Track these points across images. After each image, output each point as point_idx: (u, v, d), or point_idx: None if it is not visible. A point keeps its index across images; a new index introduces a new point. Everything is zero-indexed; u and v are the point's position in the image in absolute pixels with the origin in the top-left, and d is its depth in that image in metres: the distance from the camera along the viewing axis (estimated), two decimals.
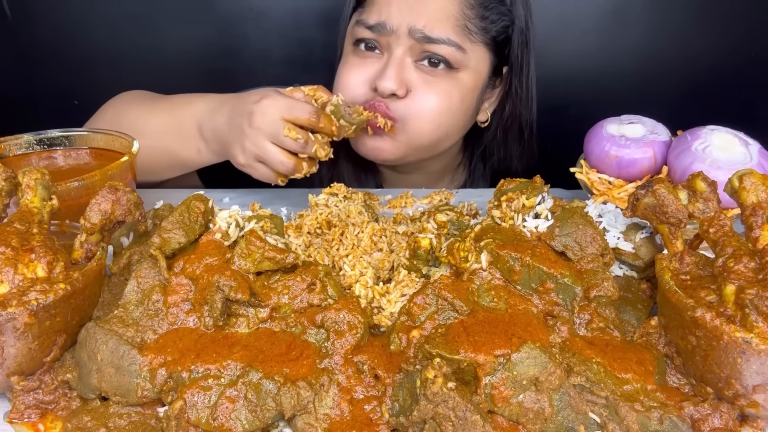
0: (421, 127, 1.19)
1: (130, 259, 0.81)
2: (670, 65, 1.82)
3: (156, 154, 1.18)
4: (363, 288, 0.83)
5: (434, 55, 1.17)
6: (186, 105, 1.19)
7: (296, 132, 1.01)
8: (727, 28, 1.79)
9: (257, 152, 1.04)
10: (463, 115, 1.25)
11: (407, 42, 1.16)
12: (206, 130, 1.13)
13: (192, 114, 1.16)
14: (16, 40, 1.86)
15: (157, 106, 1.23)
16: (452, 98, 1.20)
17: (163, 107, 1.22)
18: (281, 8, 1.82)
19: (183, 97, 1.22)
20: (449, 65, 1.18)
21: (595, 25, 1.83)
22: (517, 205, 0.83)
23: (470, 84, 1.23)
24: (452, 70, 1.19)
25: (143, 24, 1.83)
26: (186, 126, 1.16)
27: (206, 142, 1.15)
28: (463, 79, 1.21)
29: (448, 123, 1.22)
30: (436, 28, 1.15)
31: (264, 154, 1.03)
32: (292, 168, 1.04)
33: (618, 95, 1.83)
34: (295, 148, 1.02)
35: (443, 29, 1.16)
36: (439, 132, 1.22)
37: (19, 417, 0.68)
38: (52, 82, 1.90)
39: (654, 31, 1.82)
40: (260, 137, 1.03)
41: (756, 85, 1.82)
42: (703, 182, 0.76)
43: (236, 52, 1.87)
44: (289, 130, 1.01)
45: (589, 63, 1.87)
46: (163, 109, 1.21)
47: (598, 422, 0.64)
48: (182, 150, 1.18)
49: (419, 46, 1.16)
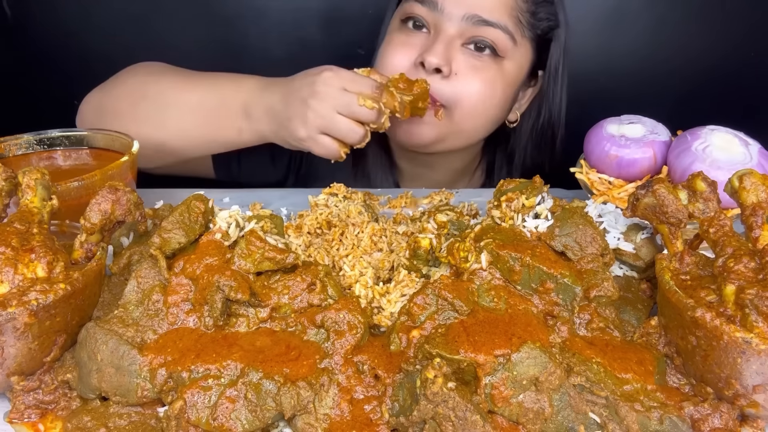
0: (464, 113, 1.19)
1: (130, 259, 0.81)
2: (670, 65, 1.82)
3: (188, 129, 1.15)
4: (363, 288, 0.83)
5: (483, 39, 1.16)
6: (230, 83, 1.15)
7: (372, 101, 1.01)
8: (727, 28, 1.79)
9: (323, 123, 1.03)
10: (502, 107, 1.25)
11: (459, 25, 1.16)
12: (255, 109, 1.11)
13: (238, 92, 1.13)
14: (16, 40, 1.86)
15: (195, 81, 1.19)
16: (496, 87, 1.20)
17: (202, 82, 1.18)
18: (281, 8, 1.82)
19: (224, 75, 1.19)
20: (495, 53, 1.18)
21: (594, 24, 1.83)
22: (517, 205, 0.83)
23: (512, 75, 1.23)
24: (498, 57, 1.19)
25: (143, 24, 1.83)
26: (230, 104, 1.13)
27: (250, 122, 1.12)
28: (507, 68, 1.21)
29: (488, 113, 1.22)
30: (494, 13, 1.16)
31: (332, 123, 1.03)
32: (363, 135, 1.04)
33: (618, 95, 1.83)
34: (368, 117, 1.02)
35: (501, 15, 1.16)
36: (479, 120, 1.22)
37: (19, 417, 0.68)
38: (52, 82, 1.89)
39: (654, 31, 1.82)
40: (327, 108, 1.02)
41: (756, 85, 1.82)
42: (703, 182, 0.76)
43: (236, 52, 1.87)
44: (365, 99, 1.01)
45: (588, 63, 1.87)
46: (202, 84, 1.17)
47: (598, 422, 0.64)
48: (220, 128, 1.14)
49: (471, 30, 1.16)
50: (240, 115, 1.12)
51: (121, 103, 1.19)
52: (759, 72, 1.81)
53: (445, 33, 1.16)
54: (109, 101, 1.21)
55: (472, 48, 1.18)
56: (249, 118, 1.12)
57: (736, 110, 1.77)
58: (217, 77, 1.19)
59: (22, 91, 1.93)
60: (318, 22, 1.83)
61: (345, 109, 1.02)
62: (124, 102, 1.19)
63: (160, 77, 1.21)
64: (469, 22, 1.15)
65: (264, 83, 1.13)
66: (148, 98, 1.14)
